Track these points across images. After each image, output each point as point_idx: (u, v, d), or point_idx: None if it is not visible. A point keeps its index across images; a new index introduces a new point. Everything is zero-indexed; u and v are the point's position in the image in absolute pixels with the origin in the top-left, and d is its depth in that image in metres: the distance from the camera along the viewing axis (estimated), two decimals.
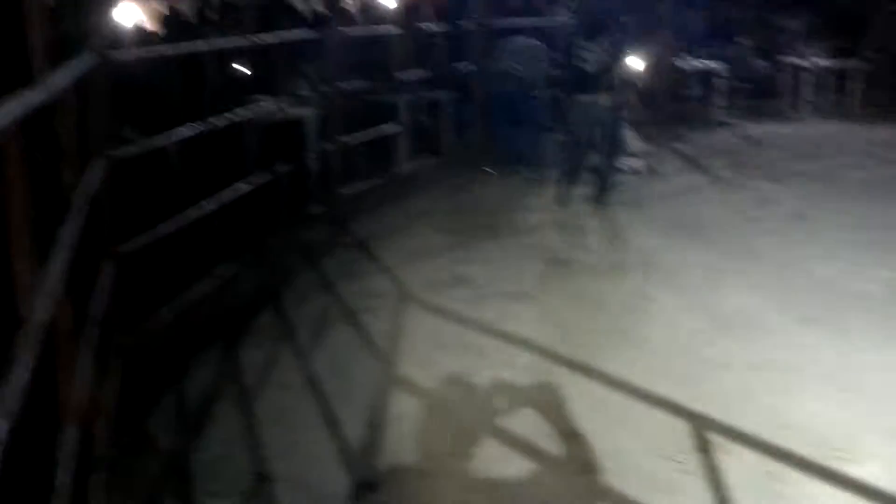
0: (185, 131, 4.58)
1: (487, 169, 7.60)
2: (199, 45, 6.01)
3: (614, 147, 6.67)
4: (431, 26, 7.97)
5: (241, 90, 6.49)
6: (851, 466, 2.85)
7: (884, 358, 3.72)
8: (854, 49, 10.63)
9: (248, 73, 6.73)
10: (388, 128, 7.20)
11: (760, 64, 11.18)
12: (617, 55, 6.36)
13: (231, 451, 3.14)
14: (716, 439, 3.07)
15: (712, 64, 10.45)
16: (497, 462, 3.00)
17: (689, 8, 10.87)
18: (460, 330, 4.16)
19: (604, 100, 6.37)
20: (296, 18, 8.40)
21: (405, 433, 3.21)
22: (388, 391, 3.54)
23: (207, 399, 3.51)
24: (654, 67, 8.77)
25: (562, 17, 9.35)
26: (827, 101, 10.86)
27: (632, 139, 7.66)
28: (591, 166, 6.64)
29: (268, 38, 5.84)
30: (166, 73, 6.19)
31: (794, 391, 3.45)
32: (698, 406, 3.28)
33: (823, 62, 10.75)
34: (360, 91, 7.06)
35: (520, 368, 3.70)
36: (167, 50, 6.07)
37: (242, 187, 5.14)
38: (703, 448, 3.02)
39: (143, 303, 3.96)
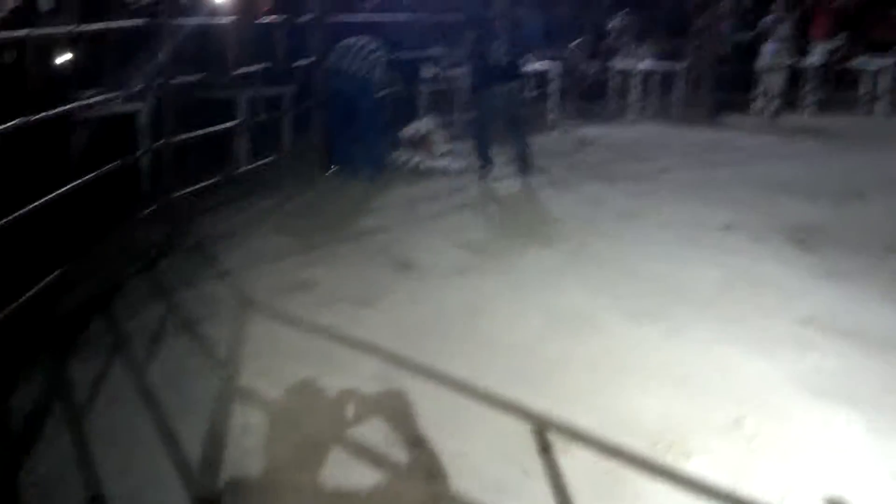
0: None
1: (329, 169, 7.53)
2: (19, 34, 5.62)
3: (526, 127, 7.73)
4: (269, 19, 7.79)
5: (67, 83, 6.13)
6: (683, 462, 3.01)
7: (711, 352, 3.95)
8: (678, 51, 11.25)
9: (75, 64, 6.37)
10: (226, 124, 6.98)
11: (592, 66, 11.64)
12: (522, 49, 7.64)
13: (63, 471, 2.97)
14: (556, 439, 3.16)
15: (547, 66, 10.78)
16: (344, 472, 2.97)
17: (526, 9, 11.17)
18: (305, 336, 4.10)
19: (516, 87, 7.48)
20: (124, 7, 7.99)
21: (248, 446, 3.13)
22: (230, 403, 3.43)
23: (35, 416, 3.30)
24: None
25: (404, 15, 9.45)
26: (653, 103, 11.45)
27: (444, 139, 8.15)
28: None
29: (94, 27, 5.52)
30: None
31: (629, 387, 3.60)
32: (539, 405, 3.36)
33: (649, 65, 11.31)
34: (196, 85, 6.81)
35: (366, 375, 3.68)
36: None
37: (67, 187, 4.82)
38: (545, 448, 3.10)
39: None
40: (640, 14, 12.04)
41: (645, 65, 11.29)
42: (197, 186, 6.32)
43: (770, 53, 10.84)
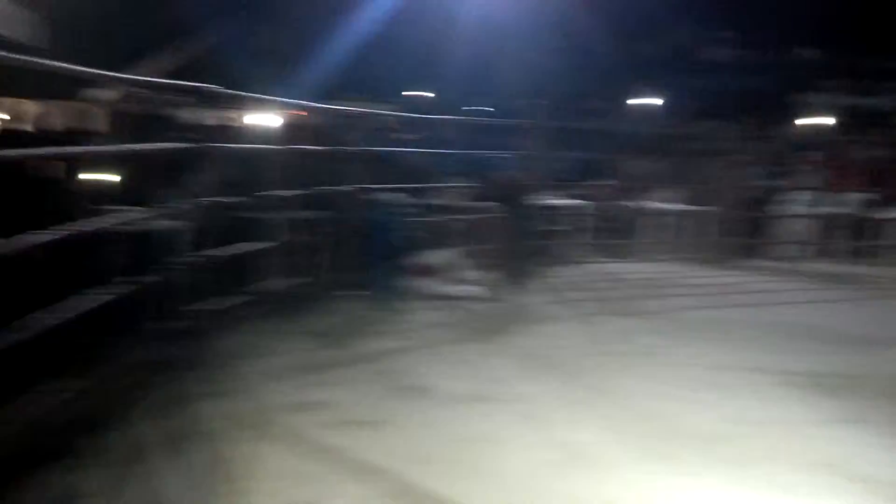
0: (30, 238, 4.36)
1: (359, 291, 7.67)
2: (63, 150, 5.88)
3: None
4: (311, 147, 8.11)
5: (104, 198, 6.35)
6: None
7: (722, 497, 3.86)
8: (702, 194, 11.48)
9: (115, 180, 6.62)
10: (260, 244, 7.17)
11: (619, 205, 11.86)
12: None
13: None
14: None
15: (576, 202, 11.02)
16: None
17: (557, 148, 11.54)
18: (312, 458, 4.07)
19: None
20: (172, 128, 8.35)
21: None
22: None
23: None
24: None
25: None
26: (676, 244, 11.59)
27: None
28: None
29: (139, 147, 5.77)
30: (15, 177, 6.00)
31: None
32: None
33: (672, 206, 11.51)
34: (234, 205, 7.04)
35: (371, 500, 3.65)
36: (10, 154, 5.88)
37: (92, 298, 4.92)
38: None
39: None
40: (661, 158, 12.36)
41: (668, 206, 11.49)
42: (223, 304, 6.44)
43: (795, 201, 11.00)
